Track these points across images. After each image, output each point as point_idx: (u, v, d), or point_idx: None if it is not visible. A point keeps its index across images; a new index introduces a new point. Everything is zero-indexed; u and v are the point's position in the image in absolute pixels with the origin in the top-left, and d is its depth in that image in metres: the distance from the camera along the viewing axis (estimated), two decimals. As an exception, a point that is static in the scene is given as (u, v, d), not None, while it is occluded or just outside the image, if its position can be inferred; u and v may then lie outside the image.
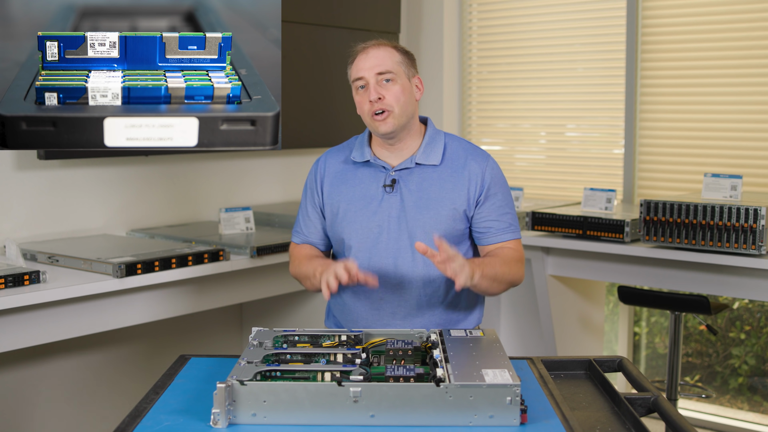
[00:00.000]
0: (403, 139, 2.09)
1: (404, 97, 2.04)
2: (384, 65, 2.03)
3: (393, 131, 2.04)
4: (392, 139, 2.08)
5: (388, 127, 2.03)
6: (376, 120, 2.03)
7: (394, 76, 2.04)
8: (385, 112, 2.02)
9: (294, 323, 3.57)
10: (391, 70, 2.04)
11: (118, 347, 3.34)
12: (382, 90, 2.02)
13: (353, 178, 2.12)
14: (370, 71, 2.03)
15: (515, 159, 4.24)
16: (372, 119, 2.04)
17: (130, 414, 1.56)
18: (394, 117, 2.03)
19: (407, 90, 2.06)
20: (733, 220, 2.87)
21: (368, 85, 2.04)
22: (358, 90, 2.07)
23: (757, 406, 3.81)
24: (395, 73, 2.04)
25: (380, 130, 2.04)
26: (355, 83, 2.07)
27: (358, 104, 2.08)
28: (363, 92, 2.05)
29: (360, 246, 2.08)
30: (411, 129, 2.10)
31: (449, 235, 2.07)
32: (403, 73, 2.06)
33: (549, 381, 1.74)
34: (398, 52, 2.08)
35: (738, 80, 3.46)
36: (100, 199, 3.19)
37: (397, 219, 2.06)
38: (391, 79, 2.04)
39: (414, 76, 2.10)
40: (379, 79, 2.03)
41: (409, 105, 2.06)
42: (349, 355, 1.68)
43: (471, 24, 4.29)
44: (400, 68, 2.06)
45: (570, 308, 3.72)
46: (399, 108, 2.03)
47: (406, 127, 2.08)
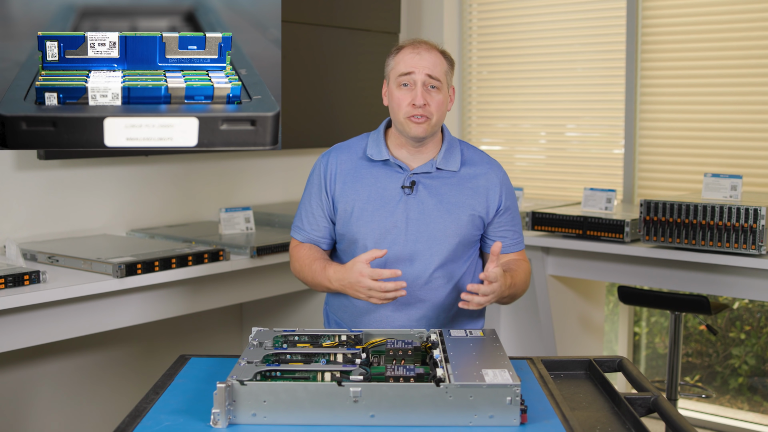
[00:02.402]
0: (426, 143, 2.09)
1: (443, 107, 2.05)
2: (436, 71, 2.02)
3: (425, 136, 2.04)
4: (419, 143, 2.08)
5: (423, 131, 2.02)
6: (413, 121, 2.02)
7: (441, 85, 2.03)
8: (424, 117, 2.02)
9: (294, 323, 3.57)
10: (440, 79, 2.03)
11: (118, 347, 3.34)
12: (426, 96, 2.01)
13: (369, 176, 2.10)
14: (422, 72, 2.01)
15: (515, 159, 4.24)
16: (408, 120, 2.02)
17: (130, 414, 1.56)
18: (430, 124, 2.03)
19: (446, 100, 2.07)
20: (733, 220, 2.87)
21: (415, 84, 2.01)
22: (401, 86, 2.03)
23: (757, 406, 3.81)
24: (442, 82, 2.04)
25: (413, 133, 2.03)
26: (400, 78, 2.03)
27: (396, 100, 2.04)
28: (407, 90, 2.03)
29: (375, 246, 2.05)
30: (436, 135, 2.11)
31: (466, 240, 2.08)
32: (447, 84, 2.06)
33: (549, 381, 1.74)
34: (446, 60, 2.07)
35: (738, 80, 3.46)
36: (100, 199, 3.19)
37: (416, 221, 2.05)
38: (437, 87, 2.03)
39: (450, 86, 2.10)
40: (426, 84, 2.02)
41: (444, 115, 2.07)
42: (349, 355, 1.68)
43: (471, 24, 4.29)
44: (446, 78, 2.06)
45: (570, 308, 3.72)
46: (437, 116, 2.03)
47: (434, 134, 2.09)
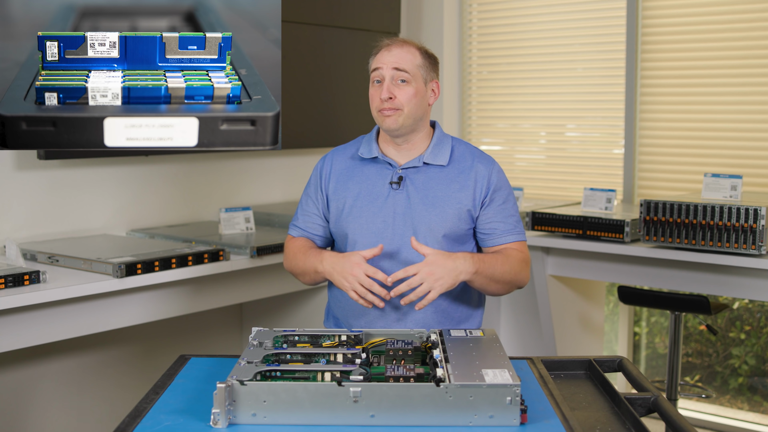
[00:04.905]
0: (411, 139, 2.12)
1: (415, 100, 2.07)
2: (402, 64, 2.06)
3: (397, 129, 2.07)
4: (399, 138, 2.11)
5: (392, 123, 2.06)
6: (383, 115, 2.07)
7: (410, 77, 2.06)
8: (392, 109, 2.05)
9: (294, 323, 3.57)
10: (407, 71, 2.06)
11: (118, 347, 3.34)
12: (394, 89, 2.05)
13: (360, 174, 2.15)
14: (388, 66, 2.06)
15: (515, 159, 4.24)
16: (379, 114, 2.08)
17: (130, 414, 1.56)
18: (401, 116, 2.06)
19: (420, 93, 2.08)
20: (733, 220, 2.87)
21: (383, 80, 2.06)
22: (374, 83, 2.10)
23: (757, 406, 3.81)
24: (412, 75, 2.07)
25: (385, 126, 2.07)
26: (372, 75, 2.11)
27: (370, 97, 2.11)
28: (377, 86, 2.09)
29: (364, 242, 2.09)
30: (419, 131, 2.13)
31: (453, 234, 2.08)
32: (420, 77, 2.09)
33: (549, 381, 1.74)
34: (421, 54, 2.10)
35: (738, 80, 3.46)
36: (100, 199, 3.19)
37: (402, 215, 2.08)
38: (406, 80, 2.06)
39: (432, 80, 2.12)
40: (395, 77, 2.05)
41: (419, 108, 2.08)
42: (349, 355, 1.68)
43: (471, 24, 4.29)
44: (419, 71, 2.08)
45: (570, 308, 3.72)
46: (408, 108, 2.06)
47: (414, 129, 2.10)
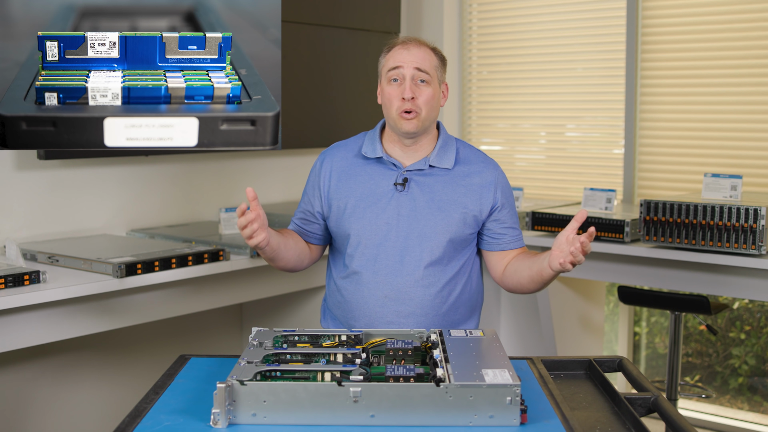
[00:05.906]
0: (420, 140, 2.11)
1: (432, 102, 2.06)
2: (423, 64, 2.04)
3: (415, 132, 2.06)
4: (411, 140, 2.09)
5: (413, 127, 2.04)
6: (403, 118, 2.04)
7: (430, 78, 2.05)
8: (413, 112, 2.03)
9: (294, 323, 3.57)
10: (428, 72, 2.05)
11: (118, 347, 3.34)
12: (414, 90, 2.03)
13: (363, 174, 2.13)
14: (409, 65, 2.03)
15: (515, 159, 4.23)
16: (399, 116, 2.04)
17: (130, 414, 1.56)
18: (419, 119, 2.04)
19: (437, 95, 2.08)
20: (733, 220, 2.87)
21: (403, 79, 2.04)
22: (391, 82, 2.06)
23: (757, 406, 3.81)
24: (431, 76, 2.05)
25: (404, 129, 2.05)
26: (390, 73, 2.06)
27: (387, 96, 2.07)
28: (396, 85, 2.05)
29: (367, 243, 2.08)
30: (429, 132, 2.12)
31: (457, 238, 2.08)
32: (437, 78, 2.08)
33: (549, 381, 1.74)
34: (436, 56, 2.09)
35: (738, 80, 3.46)
36: (100, 199, 3.19)
37: (407, 218, 2.07)
38: (426, 80, 2.05)
39: (443, 82, 2.12)
40: (415, 77, 2.03)
41: (434, 110, 2.08)
42: (349, 355, 1.68)
43: (471, 24, 4.29)
44: (435, 73, 2.07)
45: (570, 308, 3.72)
46: (426, 111, 2.05)
47: (426, 130, 2.10)
